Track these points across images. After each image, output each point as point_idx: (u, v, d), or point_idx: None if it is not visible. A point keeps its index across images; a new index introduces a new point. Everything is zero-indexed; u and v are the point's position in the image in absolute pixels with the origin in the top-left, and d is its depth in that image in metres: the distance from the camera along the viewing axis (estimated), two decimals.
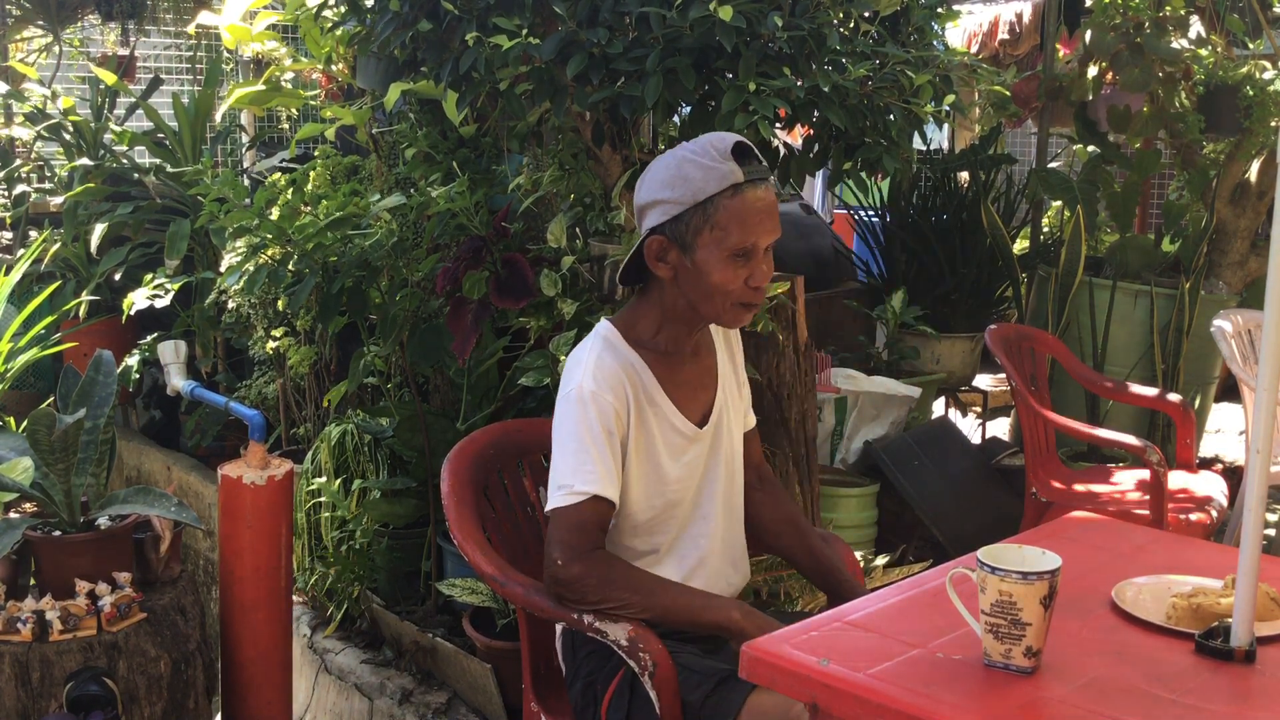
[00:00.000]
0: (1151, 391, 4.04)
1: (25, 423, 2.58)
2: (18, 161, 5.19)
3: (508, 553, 2.34)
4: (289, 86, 3.78)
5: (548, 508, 2.04)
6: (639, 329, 2.12)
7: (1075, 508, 3.35)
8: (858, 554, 2.46)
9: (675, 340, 2.13)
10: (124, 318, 4.26)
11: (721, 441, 2.20)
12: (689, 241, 2.00)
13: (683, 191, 1.99)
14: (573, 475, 2.01)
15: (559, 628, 2.26)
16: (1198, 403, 4.82)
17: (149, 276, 4.26)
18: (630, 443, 2.06)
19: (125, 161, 4.92)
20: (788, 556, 2.34)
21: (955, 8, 6.33)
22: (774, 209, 2.03)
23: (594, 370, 2.04)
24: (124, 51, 6.09)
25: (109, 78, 4.89)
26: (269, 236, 2.98)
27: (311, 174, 3.69)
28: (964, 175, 5.44)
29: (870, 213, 5.52)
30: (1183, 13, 4.76)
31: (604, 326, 2.13)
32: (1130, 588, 1.86)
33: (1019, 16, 7.03)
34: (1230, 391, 5.48)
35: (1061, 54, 5.55)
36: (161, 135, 4.88)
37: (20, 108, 5.15)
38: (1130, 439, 3.57)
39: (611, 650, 2.03)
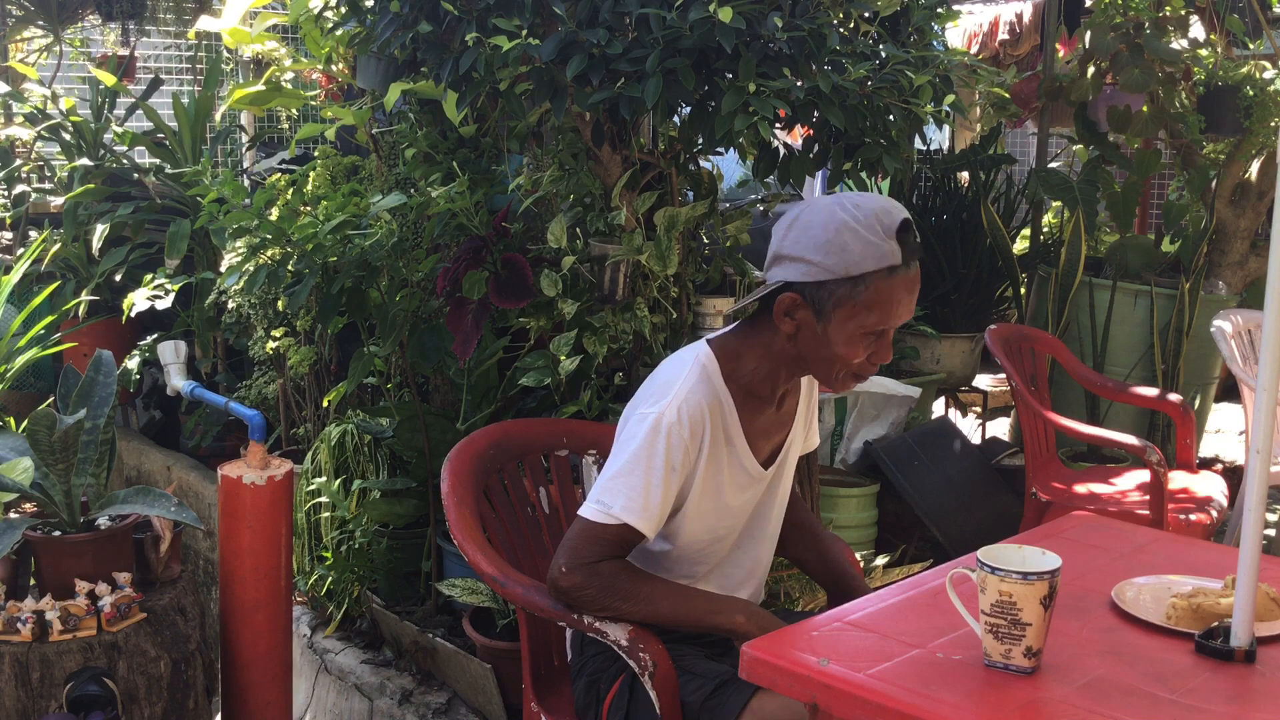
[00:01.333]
0: (1151, 392, 4.04)
1: (25, 423, 2.58)
2: (18, 161, 5.19)
3: (508, 553, 2.34)
4: (289, 87, 3.78)
5: (579, 511, 2.01)
6: (739, 365, 2.04)
7: (1075, 508, 3.35)
8: (858, 554, 2.46)
9: (770, 384, 2.07)
10: (124, 318, 4.26)
11: (780, 482, 2.19)
12: (826, 310, 1.92)
13: (837, 261, 1.89)
14: (615, 495, 1.96)
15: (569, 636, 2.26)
16: (1198, 403, 4.82)
17: (149, 277, 4.26)
18: (697, 479, 2.01)
19: (125, 162, 4.92)
20: (800, 563, 2.35)
21: (955, 8, 6.33)
22: (916, 290, 1.96)
23: (682, 402, 1.97)
24: (124, 52, 6.08)
25: (109, 78, 4.89)
26: (269, 237, 2.98)
27: (311, 174, 3.69)
28: (964, 175, 5.44)
29: None
30: (1183, 13, 4.76)
31: (704, 352, 2.04)
32: (1130, 588, 1.86)
33: (1019, 16, 7.03)
34: (1230, 391, 5.48)
35: (1061, 54, 5.56)
36: (161, 135, 4.87)
37: (20, 108, 5.15)
38: (1130, 439, 3.57)
39: (614, 652, 2.04)
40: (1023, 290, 5.08)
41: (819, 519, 2.75)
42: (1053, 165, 5.52)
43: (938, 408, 5.09)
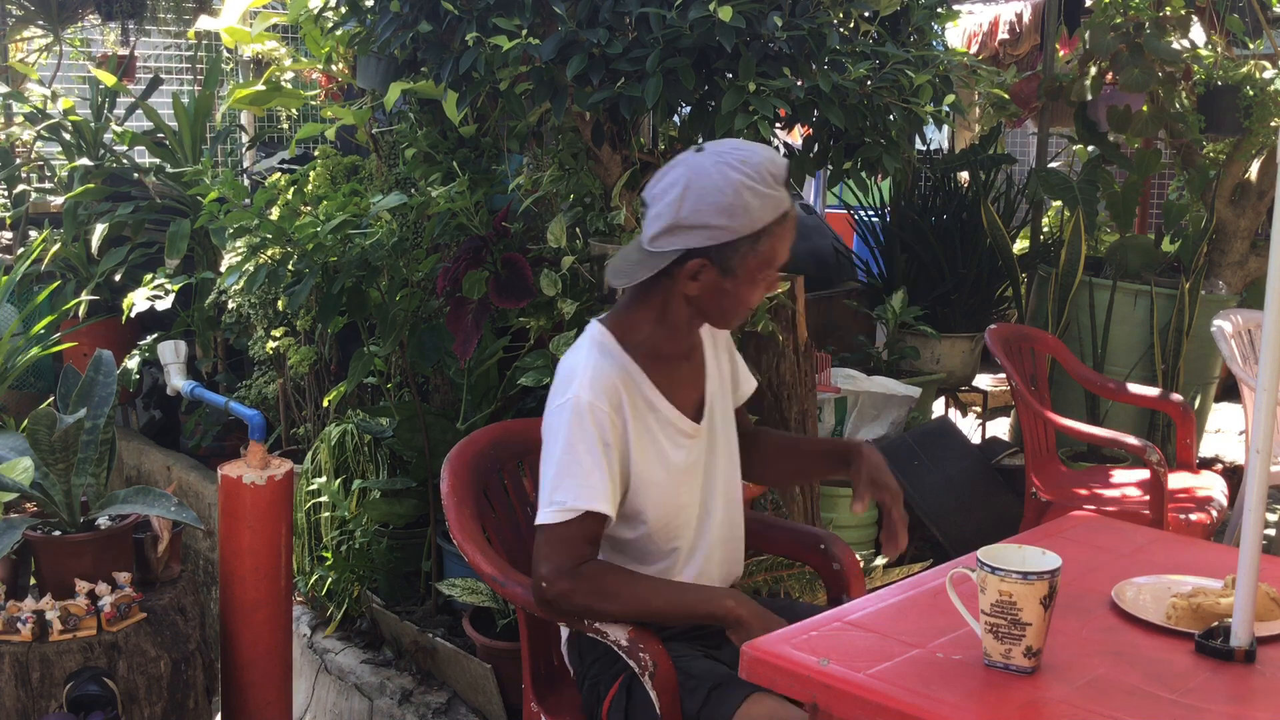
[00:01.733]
0: (1152, 391, 4.04)
1: (25, 423, 2.58)
2: (18, 161, 5.19)
3: (508, 553, 2.34)
4: (289, 86, 3.78)
5: (537, 521, 2.00)
6: (636, 333, 2.08)
7: (1075, 508, 3.35)
8: (858, 554, 2.46)
9: (672, 342, 2.10)
10: (124, 318, 4.26)
11: (717, 434, 2.20)
12: (733, 267, 1.97)
13: (742, 222, 1.94)
14: (565, 490, 1.96)
15: (564, 632, 2.26)
16: (1198, 403, 4.82)
17: (149, 276, 4.26)
18: (633, 452, 2.03)
19: (125, 161, 4.92)
20: (786, 476, 2.39)
21: (955, 8, 6.34)
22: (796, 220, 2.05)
23: (590, 379, 2.00)
24: (124, 52, 6.08)
25: (109, 78, 4.89)
26: (269, 237, 2.98)
27: (311, 174, 3.69)
28: (964, 175, 5.44)
29: (870, 213, 5.52)
30: (1183, 13, 4.76)
31: (597, 330, 2.09)
32: (1130, 588, 1.86)
33: (1019, 16, 7.03)
34: (1230, 391, 5.48)
35: (1061, 54, 5.55)
36: (161, 135, 4.87)
37: (20, 108, 5.15)
38: (1130, 439, 3.57)
39: (617, 654, 2.04)
40: (1023, 290, 5.08)
41: (815, 518, 2.75)
42: (1053, 165, 5.52)
43: (938, 408, 5.09)
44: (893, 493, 2.15)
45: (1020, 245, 5.53)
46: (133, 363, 4.36)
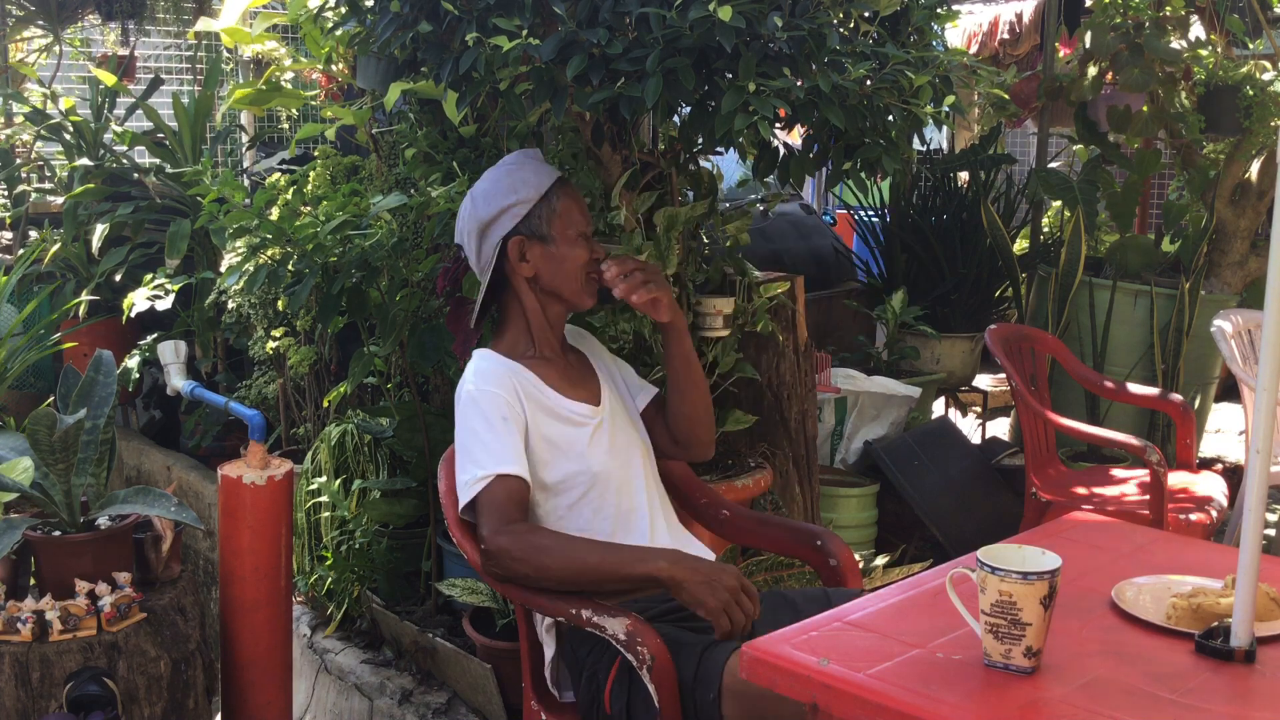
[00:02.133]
0: (1151, 391, 4.04)
1: (25, 423, 2.58)
2: (18, 161, 5.19)
3: None
4: (289, 87, 3.78)
5: (459, 507, 2.16)
6: (511, 345, 2.33)
7: (1075, 508, 3.35)
8: (858, 554, 2.46)
9: (547, 344, 2.33)
10: (124, 318, 4.26)
11: (619, 422, 2.34)
12: (546, 232, 2.26)
13: (526, 192, 2.26)
14: (474, 465, 2.14)
15: (549, 652, 2.26)
16: (1198, 403, 4.82)
17: (149, 276, 4.26)
18: (532, 435, 2.21)
19: (125, 161, 4.92)
20: (696, 428, 2.42)
21: (955, 8, 6.33)
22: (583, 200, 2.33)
23: (475, 375, 2.23)
24: (124, 52, 6.08)
25: (109, 78, 4.89)
26: (269, 237, 2.98)
27: (311, 174, 3.69)
28: (964, 175, 5.45)
29: (870, 213, 5.52)
30: (1183, 13, 4.76)
31: (477, 353, 2.32)
32: (1130, 588, 1.86)
33: (1019, 16, 7.03)
34: (1230, 391, 5.48)
35: (1061, 54, 5.56)
36: (161, 135, 4.87)
37: (20, 108, 5.15)
38: (1130, 439, 3.57)
39: (608, 642, 2.04)
40: (1023, 290, 5.08)
41: (815, 518, 2.75)
42: (1053, 165, 5.53)
43: (938, 408, 5.10)
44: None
45: (1020, 245, 5.53)
46: (133, 363, 4.36)
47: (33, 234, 5.02)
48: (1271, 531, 4.44)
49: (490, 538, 2.08)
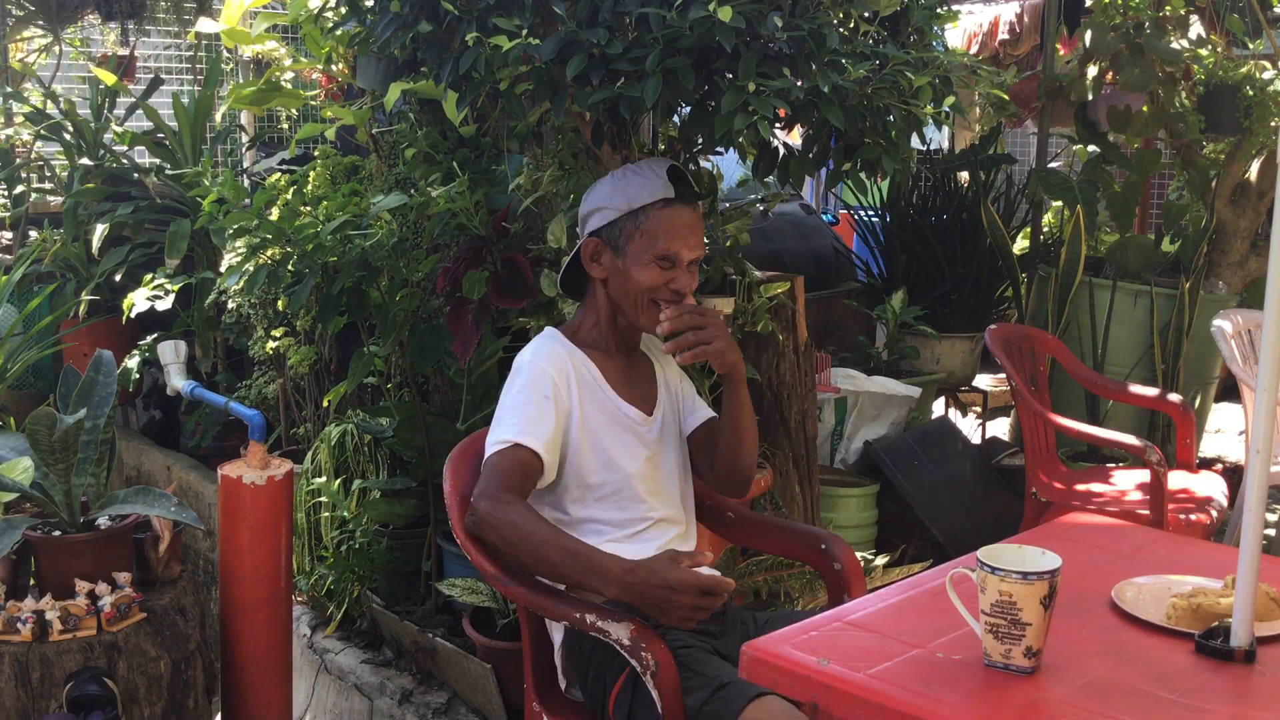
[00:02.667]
0: (1151, 391, 4.04)
1: (25, 423, 2.58)
2: (18, 161, 5.18)
3: None
4: (289, 86, 3.78)
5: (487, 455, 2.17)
6: (582, 331, 2.34)
7: (1075, 508, 3.35)
8: (858, 554, 2.46)
9: (611, 335, 2.33)
10: (124, 318, 4.26)
11: (667, 432, 2.35)
12: (621, 245, 2.25)
13: (620, 200, 2.25)
14: (504, 429, 2.17)
15: (557, 639, 2.26)
16: (1198, 403, 4.82)
17: (149, 276, 4.26)
18: (575, 424, 2.22)
19: (125, 161, 4.92)
20: (738, 472, 2.41)
21: (955, 8, 6.33)
22: (698, 228, 2.28)
23: (534, 350, 2.27)
24: (124, 52, 6.08)
25: (109, 78, 4.89)
26: (269, 237, 2.98)
27: (311, 174, 3.69)
28: (964, 175, 5.45)
29: (870, 213, 5.52)
30: (1183, 13, 4.76)
31: (549, 332, 2.34)
32: (1130, 588, 1.86)
33: (1019, 16, 7.03)
34: (1230, 391, 5.48)
35: (1061, 54, 5.56)
36: (161, 135, 4.87)
37: (20, 108, 5.15)
38: (1130, 439, 3.57)
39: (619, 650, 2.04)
40: (1023, 290, 5.08)
41: (815, 518, 2.74)
42: (1053, 165, 5.53)
43: (938, 408, 5.10)
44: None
45: (1020, 245, 5.53)
46: (133, 363, 4.36)
47: (33, 234, 5.02)
48: (1271, 531, 4.44)
49: (477, 497, 2.11)
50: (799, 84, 2.35)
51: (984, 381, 5.31)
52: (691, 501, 2.42)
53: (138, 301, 4.14)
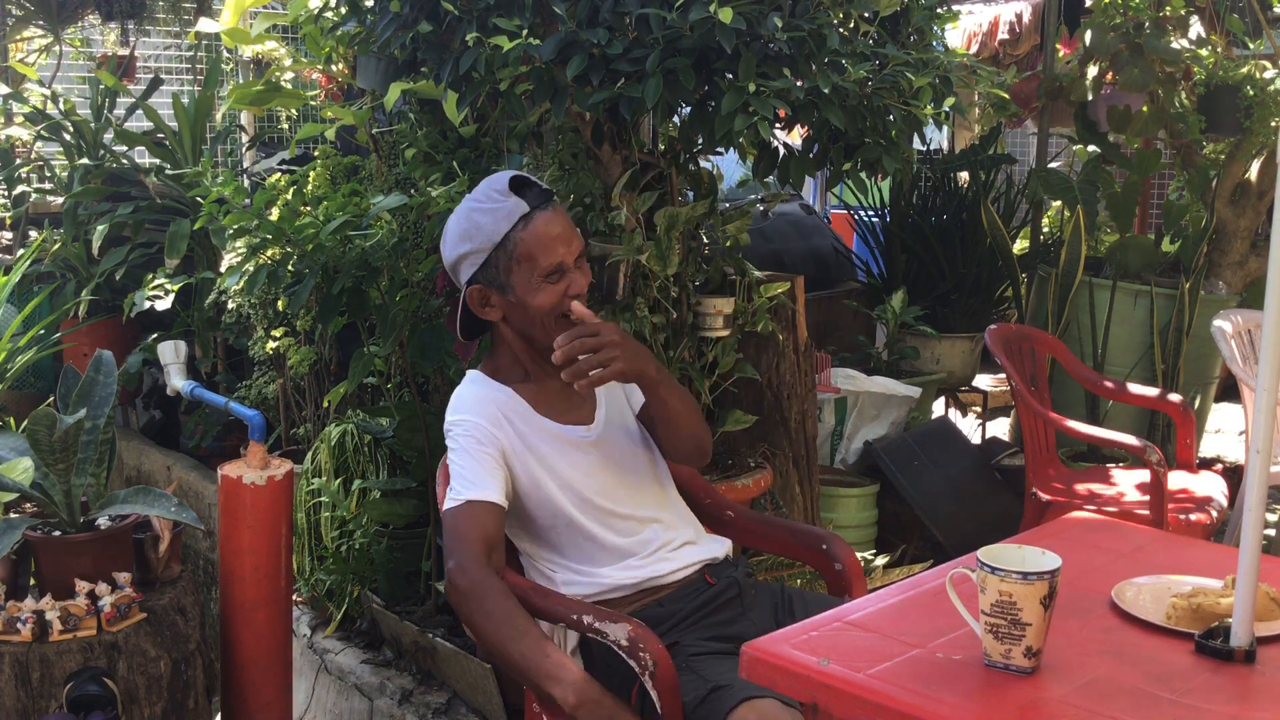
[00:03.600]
0: (1151, 392, 4.04)
1: (25, 423, 2.58)
2: (18, 161, 5.19)
3: (510, 552, 2.34)
4: (289, 86, 3.78)
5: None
6: (502, 369, 2.26)
7: (1075, 508, 3.35)
8: (858, 554, 2.46)
9: (539, 366, 2.24)
10: (124, 318, 4.26)
11: (615, 439, 2.29)
12: (504, 281, 2.15)
13: (480, 240, 2.14)
14: (456, 489, 2.11)
15: (575, 658, 2.25)
16: (1198, 403, 4.82)
17: (149, 276, 4.26)
18: (518, 457, 2.17)
19: (125, 162, 4.92)
20: (685, 456, 2.39)
21: (955, 8, 6.34)
22: (567, 224, 2.17)
23: (455, 405, 2.20)
24: (124, 52, 6.08)
25: (109, 78, 4.89)
26: (269, 237, 2.98)
27: (311, 174, 3.69)
28: (964, 175, 5.45)
29: (870, 213, 5.53)
30: (1183, 13, 4.76)
31: (470, 375, 2.27)
32: (1130, 588, 1.86)
33: (1019, 16, 7.03)
34: (1230, 391, 5.48)
35: (1061, 54, 5.56)
36: (161, 135, 4.87)
37: (20, 108, 5.15)
38: (1130, 439, 3.57)
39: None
40: (1023, 290, 5.08)
41: (815, 518, 2.73)
42: (1053, 165, 5.53)
43: (938, 408, 5.10)
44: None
45: (1020, 245, 5.53)
46: (133, 362, 4.36)
47: (33, 234, 5.02)
48: (1271, 531, 4.44)
49: (452, 573, 2.03)
50: (799, 84, 2.35)
51: (984, 381, 5.31)
52: (673, 486, 2.36)
53: (138, 301, 4.14)
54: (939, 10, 2.72)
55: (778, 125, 2.58)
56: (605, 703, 1.91)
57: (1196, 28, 4.85)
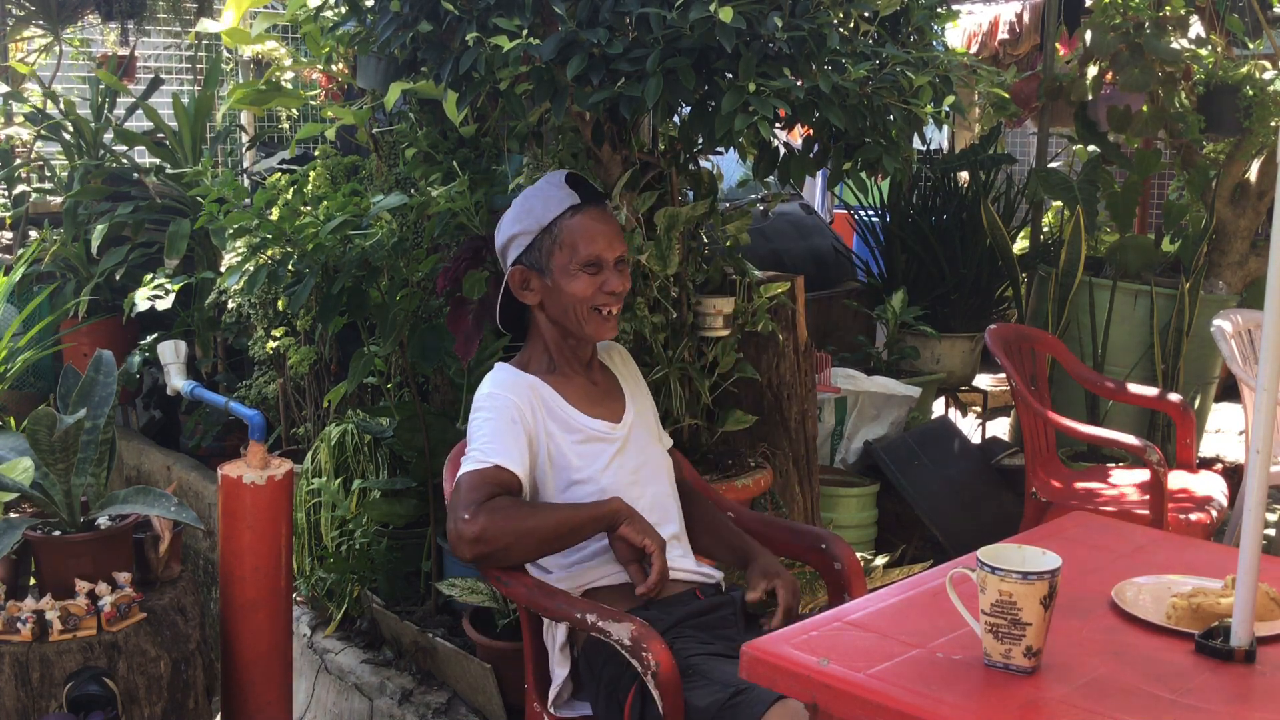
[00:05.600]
0: (1151, 391, 4.04)
1: (25, 423, 2.58)
2: (18, 161, 5.18)
3: None
4: (289, 86, 3.78)
5: (459, 472, 2.17)
6: (532, 363, 2.34)
7: (1075, 508, 3.35)
8: (858, 554, 2.46)
9: (562, 358, 2.33)
10: (124, 318, 4.26)
11: (644, 444, 2.35)
12: (544, 265, 2.26)
13: (529, 222, 2.27)
14: (481, 450, 2.17)
15: (563, 655, 2.25)
16: (1198, 403, 4.82)
17: (149, 276, 4.26)
18: (542, 446, 2.23)
19: (125, 162, 4.92)
20: (711, 555, 2.46)
21: (955, 8, 6.34)
22: (614, 227, 2.29)
23: (489, 383, 2.27)
24: (124, 52, 6.08)
25: (109, 78, 4.89)
26: (269, 237, 2.98)
27: (311, 174, 3.69)
28: (964, 175, 5.45)
29: (870, 213, 5.53)
30: (1183, 13, 4.76)
31: (499, 365, 2.34)
32: (1130, 588, 1.86)
33: (1019, 16, 7.03)
34: (1230, 391, 5.48)
35: (1061, 54, 5.56)
36: (161, 135, 4.87)
37: (20, 108, 5.15)
38: (1130, 439, 3.57)
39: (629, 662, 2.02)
40: (1023, 290, 5.08)
41: (815, 518, 2.73)
42: (1053, 165, 5.53)
43: (938, 408, 5.10)
44: (785, 580, 2.25)
45: (1020, 245, 5.53)
46: (133, 362, 4.36)
47: (33, 234, 5.02)
48: (1271, 531, 4.44)
49: (472, 518, 2.09)
50: (799, 84, 2.35)
51: (984, 381, 5.31)
52: (679, 504, 2.40)
53: (138, 301, 4.14)
54: (939, 10, 2.72)
55: (778, 125, 2.58)
56: (640, 516, 2.17)
57: (1196, 28, 4.85)
